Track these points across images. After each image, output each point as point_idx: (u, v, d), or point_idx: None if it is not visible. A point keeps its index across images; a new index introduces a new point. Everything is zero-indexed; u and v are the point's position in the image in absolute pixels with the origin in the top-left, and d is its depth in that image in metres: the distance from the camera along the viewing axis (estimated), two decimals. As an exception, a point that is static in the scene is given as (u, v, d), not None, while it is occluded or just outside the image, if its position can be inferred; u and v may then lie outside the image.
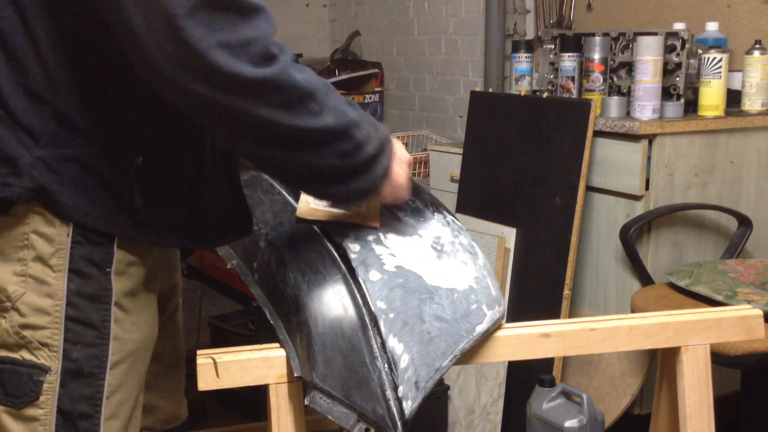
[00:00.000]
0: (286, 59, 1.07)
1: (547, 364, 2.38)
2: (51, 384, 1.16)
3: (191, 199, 1.22)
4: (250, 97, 1.05)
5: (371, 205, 1.30)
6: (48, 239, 1.15)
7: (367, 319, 1.15)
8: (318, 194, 1.23)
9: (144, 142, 1.15)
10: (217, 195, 1.26)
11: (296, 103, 1.08)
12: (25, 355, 1.17)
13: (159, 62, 1.02)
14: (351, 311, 1.16)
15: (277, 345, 1.20)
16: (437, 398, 2.52)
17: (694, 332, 1.32)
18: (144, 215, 1.17)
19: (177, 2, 0.98)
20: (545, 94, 2.53)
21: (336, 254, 1.23)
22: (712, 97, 2.35)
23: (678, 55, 2.38)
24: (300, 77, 1.08)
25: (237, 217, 1.30)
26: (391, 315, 1.15)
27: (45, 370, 1.16)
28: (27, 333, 1.16)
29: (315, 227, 1.29)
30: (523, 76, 2.76)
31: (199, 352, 1.19)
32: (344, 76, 3.93)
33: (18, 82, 1.12)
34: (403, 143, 3.76)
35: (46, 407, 1.16)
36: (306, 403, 1.13)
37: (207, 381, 1.17)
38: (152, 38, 1.00)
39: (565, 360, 2.44)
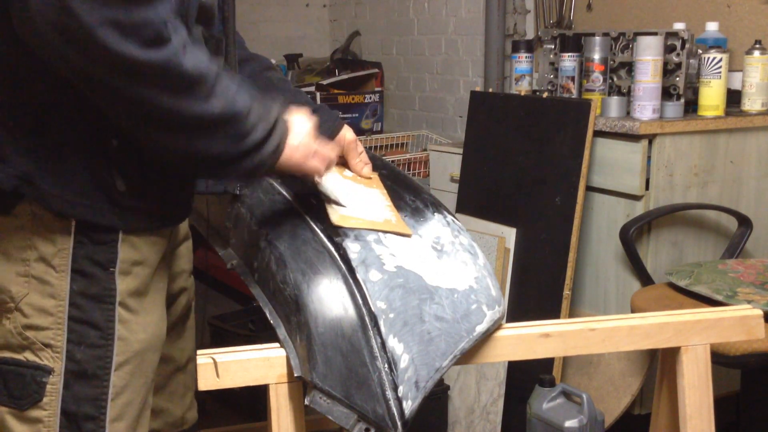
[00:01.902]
0: (177, 44, 1.05)
1: (547, 364, 2.38)
2: (54, 385, 1.16)
3: (164, 181, 1.22)
4: (135, 78, 1.03)
5: (394, 214, 1.30)
6: (50, 239, 1.15)
7: (367, 319, 1.15)
8: (204, 174, 1.25)
9: (115, 125, 1.14)
10: (185, 176, 1.26)
11: (182, 88, 1.06)
12: (29, 356, 1.16)
13: (41, 29, 1.00)
14: (351, 311, 1.16)
15: (277, 345, 1.20)
16: (437, 398, 2.52)
17: (694, 332, 1.32)
18: (129, 199, 1.17)
19: None
20: (545, 94, 2.53)
21: (336, 254, 1.22)
22: (712, 97, 2.35)
23: (678, 55, 2.38)
24: (189, 64, 1.06)
25: (191, 188, 1.31)
26: (391, 315, 1.15)
27: (48, 371, 1.16)
28: (30, 334, 1.16)
29: (315, 227, 1.29)
30: (523, 76, 2.76)
31: (199, 352, 1.19)
32: (344, 76, 3.93)
33: (1, 68, 1.11)
34: (403, 143, 3.77)
35: (49, 409, 1.16)
36: (306, 403, 1.13)
37: (207, 381, 1.17)
38: (42, 10, 0.98)
39: (565, 360, 2.44)
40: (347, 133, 1.40)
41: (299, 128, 1.22)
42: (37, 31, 1.01)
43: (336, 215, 1.27)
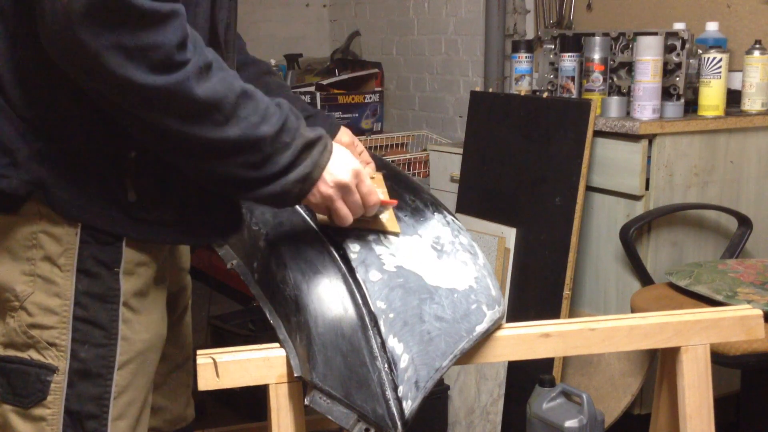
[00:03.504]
0: (192, 68, 1.03)
1: (547, 364, 2.38)
2: (58, 384, 1.16)
3: (185, 195, 1.21)
4: (142, 102, 1.03)
5: (387, 213, 1.30)
6: (56, 239, 1.15)
7: (367, 319, 1.15)
8: (232, 196, 1.21)
9: (136, 138, 1.14)
10: (209, 192, 1.25)
11: (192, 114, 1.05)
12: (33, 354, 1.16)
13: (54, 51, 1.01)
14: (351, 311, 1.16)
15: (277, 345, 1.20)
16: (437, 398, 2.52)
17: (694, 332, 1.32)
18: (138, 211, 1.16)
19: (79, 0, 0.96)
20: (545, 94, 2.53)
21: (336, 254, 1.23)
22: (712, 97, 2.35)
23: (678, 55, 2.38)
24: (201, 89, 1.04)
25: (228, 213, 1.29)
26: (391, 315, 1.15)
27: (52, 369, 1.16)
28: (35, 332, 1.16)
29: (315, 227, 1.29)
30: (523, 76, 2.76)
31: (199, 352, 1.19)
32: (344, 76, 3.93)
33: (19, 74, 1.12)
34: (403, 143, 3.77)
35: (53, 407, 1.16)
36: (306, 403, 1.13)
37: (207, 381, 1.17)
38: (54, 31, 0.99)
39: (565, 360, 2.44)
40: (344, 136, 1.40)
41: (342, 163, 1.18)
42: (54, 54, 1.03)
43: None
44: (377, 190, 1.37)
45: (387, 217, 1.30)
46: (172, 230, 1.22)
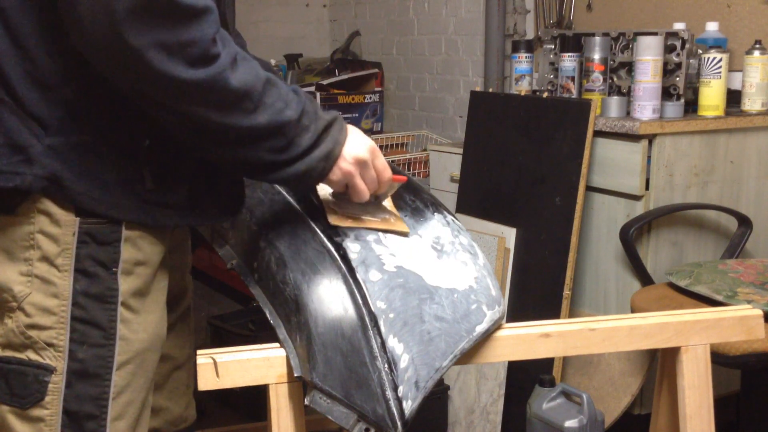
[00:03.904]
0: (225, 60, 1.08)
1: (547, 364, 2.38)
2: (56, 384, 1.16)
3: (194, 179, 1.23)
4: (183, 97, 1.07)
5: (392, 214, 1.31)
6: (54, 239, 1.15)
7: (367, 319, 1.15)
8: (254, 179, 1.26)
9: (149, 125, 1.16)
10: (218, 172, 1.26)
11: (229, 103, 1.10)
12: (31, 355, 1.16)
13: (93, 49, 1.04)
14: (351, 311, 1.16)
15: (277, 345, 1.20)
16: (437, 398, 2.52)
17: (694, 332, 1.32)
18: (153, 196, 1.18)
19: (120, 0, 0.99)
20: (545, 94, 2.53)
21: (336, 254, 1.22)
22: (712, 97, 2.35)
23: (678, 55, 2.38)
24: (235, 79, 1.09)
25: (233, 193, 1.31)
26: (391, 315, 1.15)
27: (50, 370, 1.16)
28: (33, 333, 1.16)
29: (315, 227, 1.29)
30: (523, 76, 2.76)
31: (199, 352, 1.19)
32: (344, 76, 3.93)
33: (26, 70, 1.12)
34: (403, 143, 3.76)
35: (51, 408, 1.16)
36: (306, 403, 1.13)
37: (207, 381, 1.17)
38: (96, 34, 1.02)
39: (565, 360, 2.44)
40: None
41: (358, 145, 1.24)
42: (93, 54, 1.06)
43: (333, 216, 1.27)
44: None
45: (393, 219, 1.30)
46: (183, 213, 1.23)
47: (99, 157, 1.14)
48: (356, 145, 1.23)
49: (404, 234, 1.28)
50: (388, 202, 1.35)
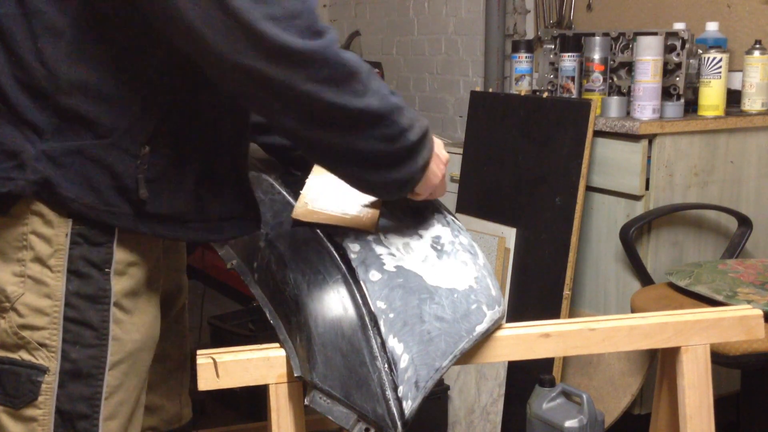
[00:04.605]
0: (333, 36, 1.09)
1: (547, 364, 2.38)
2: (49, 384, 1.16)
3: (197, 192, 1.21)
4: (297, 70, 1.06)
5: (371, 211, 1.30)
6: (46, 240, 1.15)
7: (367, 319, 1.15)
8: (357, 181, 1.22)
9: (149, 133, 1.15)
10: (225, 189, 1.25)
11: (341, 80, 1.09)
12: (24, 355, 1.16)
13: (209, 38, 1.03)
14: (351, 311, 1.16)
15: (277, 345, 1.20)
16: (437, 398, 2.52)
17: (694, 332, 1.32)
18: (149, 207, 1.17)
19: None
20: (545, 94, 2.53)
21: (336, 254, 1.22)
22: (712, 97, 2.35)
23: (678, 55, 2.38)
24: (346, 55, 1.10)
25: (245, 212, 1.29)
26: (391, 315, 1.15)
27: (43, 370, 1.16)
28: (25, 333, 1.16)
29: (315, 227, 1.29)
30: (523, 76, 2.76)
31: (199, 352, 1.19)
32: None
33: (18, 77, 1.12)
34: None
35: (44, 407, 1.16)
36: (306, 403, 1.13)
37: (207, 381, 1.17)
38: (200, 15, 1.02)
39: (565, 360, 2.44)
40: None
41: (440, 147, 1.26)
42: (207, 45, 1.04)
43: (301, 209, 1.27)
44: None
45: (368, 216, 1.30)
46: (183, 226, 1.22)
47: (94, 163, 1.13)
48: (440, 149, 1.26)
49: (369, 231, 1.27)
50: (374, 198, 1.34)
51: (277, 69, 1.05)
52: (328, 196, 1.31)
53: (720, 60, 2.32)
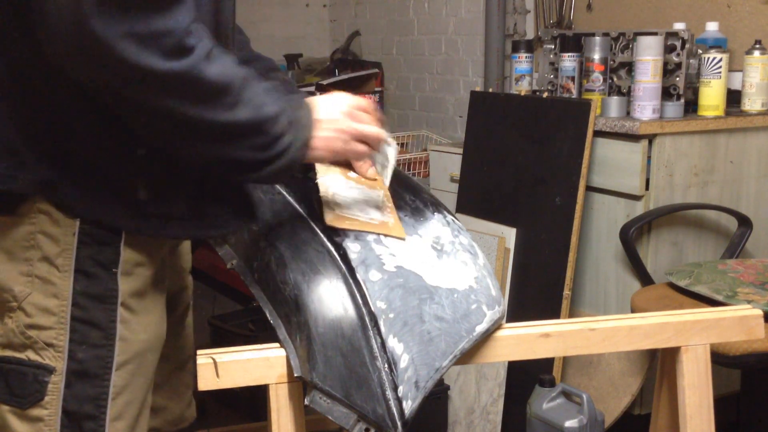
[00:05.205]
0: (200, 52, 1.04)
1: (547, 364, 2.38)
2: (56, 384, 1.16)
3: (197, 189, 1.21)
4: (158, 90, 1.03)
5: (393, 216, 1.30)
6: (54, 239, 1.15)
7: (367, 319, 1.15)
8: (233, 179, 1.22)
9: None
10: (222, 183, 1.25)
11: (207, 97, 1.06)
12: (31, 355, 1.16)
13: (62, 48, 1.00)
14: (351, 311, 1.16)
15: (277, 345, 1.20)
16: (437, 398, 2.52)
17: (694, 332, 1.32)
18: (149, 207, 1.17)
19: None
20: (545, 94, 2.53)
21: (336, 254, 1.22)
22: (712, 97, 2.35)
23: (678, 55, 2.38)
24: (213, 72, 1.05)
25: (241, 204, 1.29)
26: (391, 315, 1.15)
27: (50, 370, 1.16)
28: (33, 333, 1.16)
29: (315, 227, 1.29)
30: (523, 76, 2.76)
31: (199, 352, 1.19)
32: (344, 76, 3.93)
33: (13, 77, 1.11)
34: (403, 143, 3.76)
35: (51, 408, 1.16)
36: (306, 403, 1.13)
37: (207, 381, 1.17)
38: (61, 27, 0.98)
39: (565, 360, 2.44)
40: None
41: (330, 113, 1.20)
42: (58, 50, 1.01)
43: (331, 215, 1.27)
44: (379, 191, 1.37)
45: (392, 223, 1.30)
46: (184, 224, 1.22)
47: (92, 166, 1.13)
48: (328, 112, 1.20)
49: (401, 239, 1.27)
50: (390, 204, 1.35)
51: (137, 88, 1.03)
52: (347, 198, 1.31)
53: (720, 60, 2.32)
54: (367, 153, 1.25)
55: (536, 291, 2.45)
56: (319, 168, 1.36)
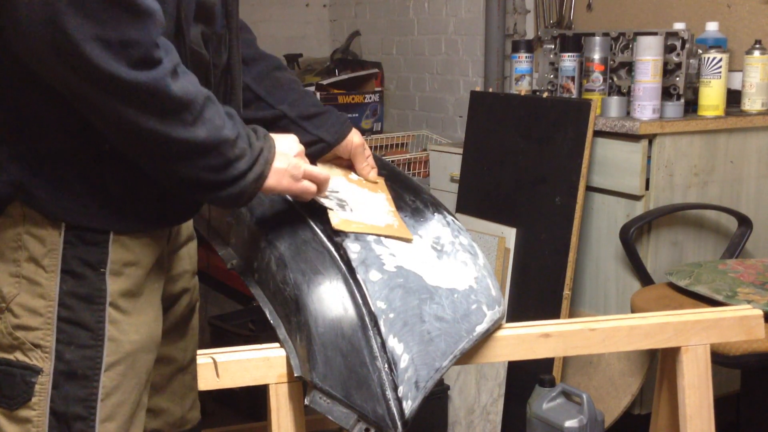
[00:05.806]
0: (167, 67, 1.05)
1: (547, 364, 2.38)
2: (43, 385, 1.16)
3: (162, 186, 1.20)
4: (121, 98, 1.03)
5: (398, 220, 1.30)
6: (40, 240, 1.15)
7: (367, 319, 1.15)
8: (188, 196, 1.22)
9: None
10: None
11: (168, 112, 1.06)
12: (19, 356, 1.16)
13: (33, 44, 1.00)
14: (351, 311, 1.16)
15: (277, 345, 1.20)
16: (437, 398, 2.52)
17: (694, 332, 1.32)
18: (122, 203, 1.16)
19: None
20: (545, 94, 2.53)
21: (336, 254, 1.22)
22: (712, 97, 2.35)
23: (678, 55, 2.38)
24: (177, 87, 1.06)
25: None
26: (391, 315, 1.15)
27: (37, 371, 1.15)
28: (20, 334, 1.16)
29: (315, 227, 1.29)
30: (523, 76, 2.75)
31: (199, 352, 1.19)
32: (344, 76, 3.93)
33: None
34: (403, 143, 3.76)
35: (38, 408, 1.16)
36: (306, 403, 1.13)
37: (207, 381, 1.17)
38: (32, 24, 0.98)
39: (565, 360, 2.44)
40: (354, 136, 1.40)
41: (285, 152, 1.22)
42: (29, 47, 1.01)
43: (337, 219, 1.27)
44: (381, 194, 1.37)
45: (397, 225, 1.30)
46: (155, 216, 1.22)
47: (62, 164, 1.13)
48: (285, 147, 1.22)
49: (408, 241, 1.27)
50: (392, 207, 1.35)
51: (100, 92, 1.03)
52: (351, 200, 1.30)
53: (720, 60, 2.32)
54: (313, 193, 1.26)
55: (536, 291, 2.45)
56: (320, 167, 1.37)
